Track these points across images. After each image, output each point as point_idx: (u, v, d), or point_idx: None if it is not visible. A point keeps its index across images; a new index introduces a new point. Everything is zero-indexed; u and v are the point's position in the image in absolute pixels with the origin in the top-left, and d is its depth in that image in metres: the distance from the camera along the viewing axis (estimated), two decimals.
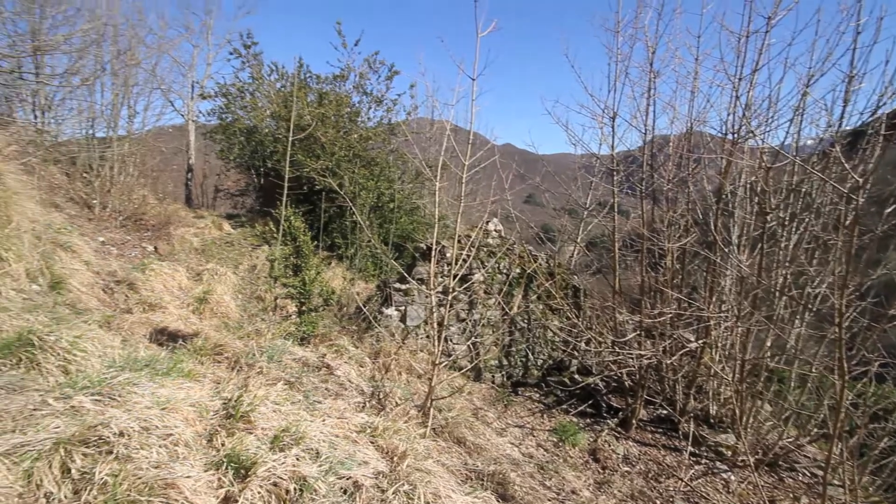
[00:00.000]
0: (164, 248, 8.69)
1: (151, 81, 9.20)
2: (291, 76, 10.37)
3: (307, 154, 9.03)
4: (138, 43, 8.47)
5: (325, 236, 9.24)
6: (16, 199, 4.88)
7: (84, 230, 7.60)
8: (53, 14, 6.83)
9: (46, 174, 7.87)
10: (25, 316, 3.98)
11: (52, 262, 5.35)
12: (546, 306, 6.51)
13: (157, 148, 11.06)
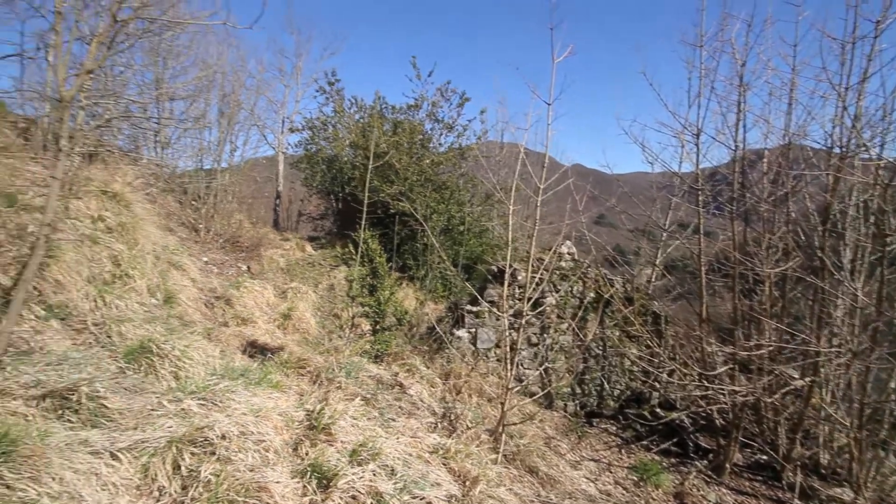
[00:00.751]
0: (255, 267, 9.53)
1: (250, 119, 10.35)
2: (369, 108, 11.09)
3: (382, 180, 9.52)
4: (240, 86, 9.62)
5: (398, 258, 9.59)
6: (141, 225, 5.66)
7: (192, 251, 8.58)
8: (173, 66, 8.01)
9: (164, 202, 9.03)
10: (146, 326, 4.56)
11: (166, 279, 6.09)
12: (623, 333, 6.18)
13: (251, 177, 12.31)
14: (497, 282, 5.78)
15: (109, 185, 5.47)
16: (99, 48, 2.54)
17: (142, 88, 7.29)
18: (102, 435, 2.82)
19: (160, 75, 7.70)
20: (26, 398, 2.98)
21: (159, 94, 7.31)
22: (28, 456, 2.34)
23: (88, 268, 4.52)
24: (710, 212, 5.50)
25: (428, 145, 10.51)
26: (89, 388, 3.08)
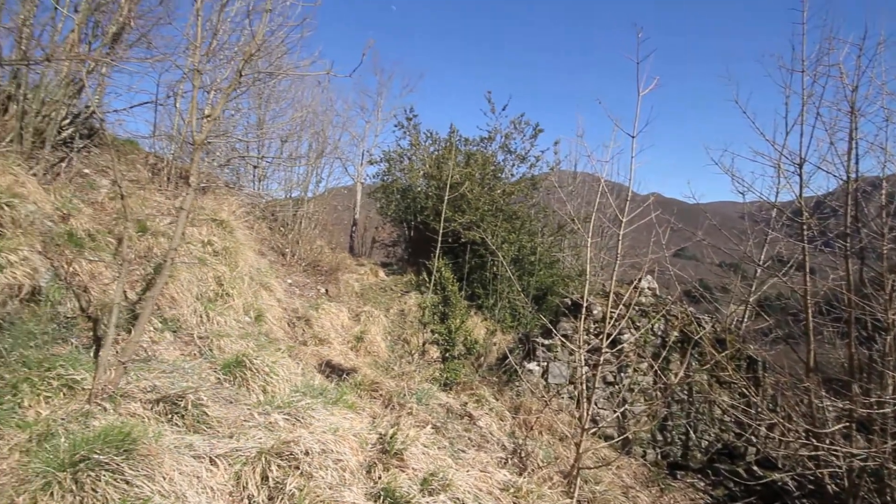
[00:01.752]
0: (332, 290, 10.10)
1: (334, 153, 11.21)
2: (444, 140, 11.55)
3: (454, 209, 9.77)
4: (328, 124, 10.52)
5: (467, 286, 9.66)
6: (241, 249, 6.28)
7: (278, 273, 9.30)
8: (274, 108, 8.99)
9: (259, 228, 9.95)
10: (240, 341, 5.00)
11: (257, 298, 6.65)
12: (712, 377, 5.65)
13: (332, 205, 13.21)
14: (571, 315, 5.60)
15: (217, 214, 6.18)
16: (222, 98, 2.98)
17: (247, 129, 8.26)
18: (203, 441, 3.10)
19: (262, 117, 8.68)
20: (144, 401, 3.37)
21: (261, 134, 8.21)
22: (145, 455, 2.63)
23: (197, 286, 5.08)
24: (816, 247, 4.95)
25: (500, 176, 10.65)
26: (194, 396, 3.42)
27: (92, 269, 4.15)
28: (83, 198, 4.92)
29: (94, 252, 4.24)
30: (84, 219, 4.48)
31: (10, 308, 3.52)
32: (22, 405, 3.02)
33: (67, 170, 5.00)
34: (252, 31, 2.91)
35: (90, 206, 4.93)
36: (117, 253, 4.44)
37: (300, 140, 9.60)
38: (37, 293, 3.71)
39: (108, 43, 4.70)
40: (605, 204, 10.32)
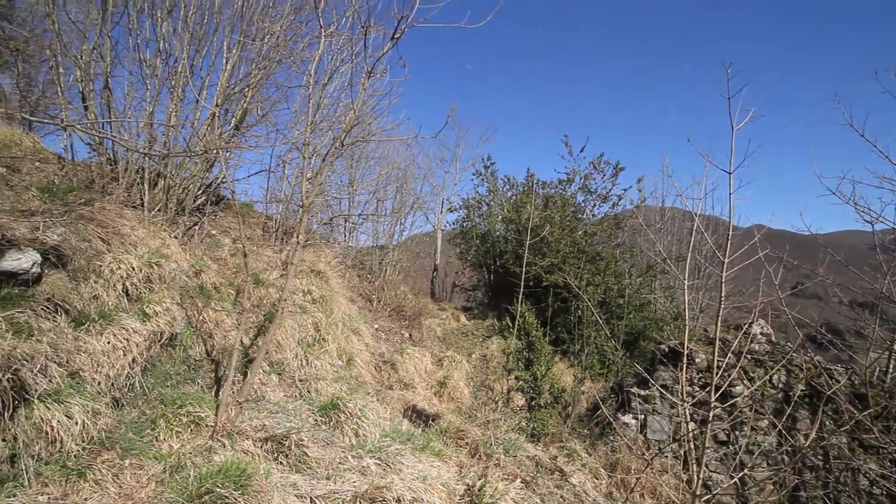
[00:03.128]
0: (416, 335, 10.36)
1: (416, 203, 11.87)
2: (521, 185, 11.71)
3: (534, 253, 9.70)
4: (411, 177, 11.26)
5: (551, 330, 9.35)
6: (335, 297, 6.79)
7: (366, 319, 9.80)
8: (363, 166, 9.89)
9: (349, 276, 10.69)
10: (334, 385, 5.30)
11: (348, 343, 7.05)
12: (854, 440, 4.77)
13: (414, 252, 13.81)
14: (670, 364, 5.15)
15: (315, 265, 6.79)
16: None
17: (340, 187, 9.14)
18: (305, 480, 3.29)
19: (353, 175, 9.57)
20: (255, 439, 3.69)
21: (352, 191, 9.03)
22: (258, 491, 2.85)
23: (299, 332, 5.55)
24: None
25: (580, 217, 10.45)
26: (297, 437, 3.67)
27: (216, 318, 4.75)
28: (211, 255, 5.72)
29: (219, 302, 4.87)
30: (211, 273, 5.20)
31: (153, 352, 4.13)
32: (158, 439, 3.47)
33: (200, 232, 5.89)
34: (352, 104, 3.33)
35: (216, 262, 5.71)
36: (236, 303, 5.05)
37: (386, 193, 10.35)
38: (173, 339, 4.32)
39: (235, 125, 5.62)
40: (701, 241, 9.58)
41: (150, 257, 4.28)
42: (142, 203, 5.30)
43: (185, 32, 4.87)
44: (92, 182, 4.97)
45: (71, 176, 4.75)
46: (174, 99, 5.15)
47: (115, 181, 5.26)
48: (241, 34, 5.01)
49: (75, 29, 4.86)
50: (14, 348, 2.75)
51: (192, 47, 4.97)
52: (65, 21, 4.86)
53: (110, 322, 3.68)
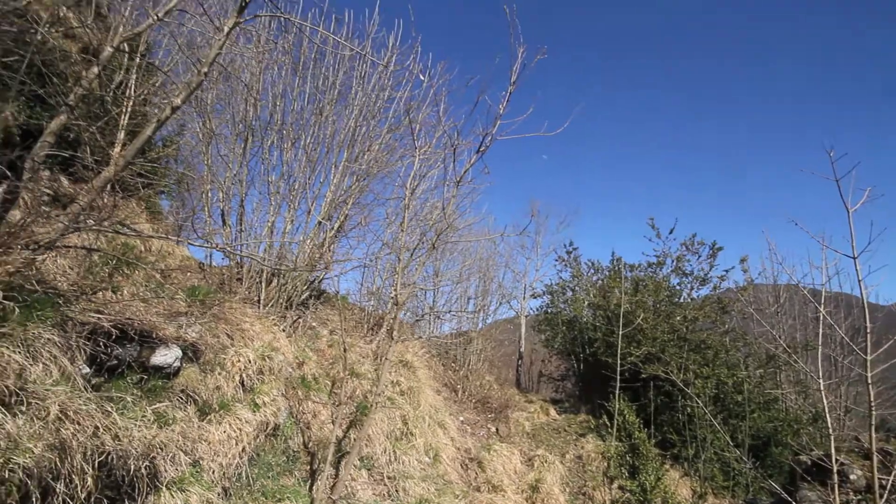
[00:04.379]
0: (503, 429, 9.79)
1: (498, 290, 11.95)
2: (607, 269, 11.35)
3: (627, 340, 9.04)
4: (493, 265, 11.52)
5: (655, 430, 8.31)
6: (422, 388, 6.81)
7: (451, 410, 9.57)
8: (447, 257, 10.38)
9: (434, 366, 10.72)
10: (422, 484, 5.13)
11: (435, 436, 6.87)
12: None
13: (498, 340, 13.57)
14: (815, 481, 4.25)
15: (403, 356, 6.98)
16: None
17: (425, 279, 9.62)
18: None
19: (438, 268, 10.05)
20: None
21: (438, 283, 9.43)
22: None
23: (388, 424, 5.58)
24: None
25: (676, 300, 9.70)
26: None
27: (314, 409, 4.99)
28: (311, 346, 6.18)
29: (317, 393, 5.15)
30: (312, 364, 5.58)
31: (259, 441, 4.40)
32: None
33: (303, 324, 6.45)
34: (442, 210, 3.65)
35: (315, 352, 6.14)
36: (332, 393, 5.30)
37: (469, 282, 10.62)
38: (276, 429, 4.59)
39: (337, 229, 6.38)
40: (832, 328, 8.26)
41: (264, 350, 4.76)
42: (259, 300, 6.02)
43: (304, 157, 5.86)
44: (223, 283, 5.80)
45: (208, 279, 5.61)
46: (290, 211, 6.03)
47: (239, 281, 6.10)
48: (346, 154, 5.89)
49: (222, 161, 6.07)
50: (154, 436, 3.13)
51: (308, 168, 5.93)
52: (214, 155, 6.11)
53: (228, 412, 4.05)
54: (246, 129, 5.71)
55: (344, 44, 5.16)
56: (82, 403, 2.67)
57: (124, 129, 3.91)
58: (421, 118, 5.84)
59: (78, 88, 2.87)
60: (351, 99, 6.07)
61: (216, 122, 5.60)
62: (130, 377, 3.45)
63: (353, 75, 6.07)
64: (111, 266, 3.53)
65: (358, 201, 6.63)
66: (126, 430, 2.90)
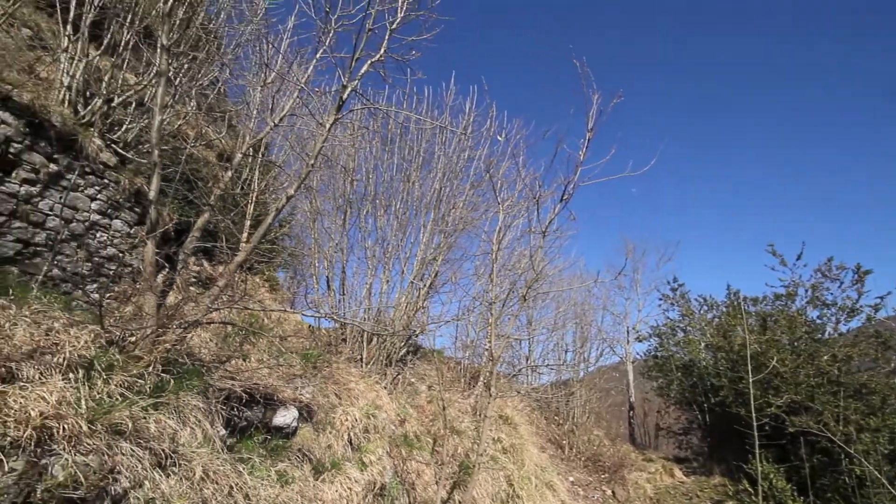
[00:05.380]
0: (620, 493, 8.80)
1: (598, 335, 11.23)
2: (723, 304, 10.16)
3: (762, 387, 7.81)
4: (589, 309, 10.95)
5: (815, 498, 6.85)
6: (525, 445, 6.49)
7: (559, 469, 8.90)
8: (539, 305, 10.13)
9: (535, 419, 10.19)
10: None
11: (543, 500, 6.41)
12: None
13: (604, 389, 12.55)
14: None
15: (503, 410, 6.78)
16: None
17: (518, 328, 9.43)
18: None
19: (531, 316, 9.83)
20: None
21: (532, 332, 9.19)
22: None
23: (492, 485, 5.36)
24: None
25: (819, 337, 8.27)
26: None
27: (417, 468, 5.00)
28: (411, 402, 6.29)
29: (419, 452, 5.17)
30: (413, 422, 5.66)
31: (367, 502, 4.49)
32: None
33: (402, 381, 6.63)
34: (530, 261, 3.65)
35: (415, 409, 6.23)
36: (433, 451, 5.28)
37: (565, 328, 10.16)
38: (383, 489, 4.65)
39: (429, 286, 6.64)
40: None
41: (368, 409, 4.96)
42: (361, 358, 6.37)
43: (395, 221, 6.33)
44: (330, 344, 6.26)
45: (317, 341, 6.11)
46: (386, 272, 6.44)
47: (344, 342, 6.53)
48: (433, 215, 6.24)
49: (325, 233, 6.76)
50: (277, 495, 3.36)
51: (399, 232, 6.37)
52: (319, 229, 6.84)
53: (339, 471, 4.22)
54: (345, 202, 6.36)
55: (425, 120, 5.63)
56: (220, 464, 3.00)
57: (250, 217, 4.61)
58: (501, 173, 6.03)
59: (217, 190, 3.45)
60: (434, 163, 6.52)
61: (320, 200, 6.33)
62: (256, 437, 3.81)
63: (434, 142, 6.55)
64: (242, 336, 4.03)
65: (447, 258, 6.88)
66: (254, 490, 3.16)
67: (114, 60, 4.31)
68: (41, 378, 2.33)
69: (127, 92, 4.08)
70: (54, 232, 4.25)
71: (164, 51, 2.87)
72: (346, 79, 3.12)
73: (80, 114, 4.21)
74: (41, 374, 2.35)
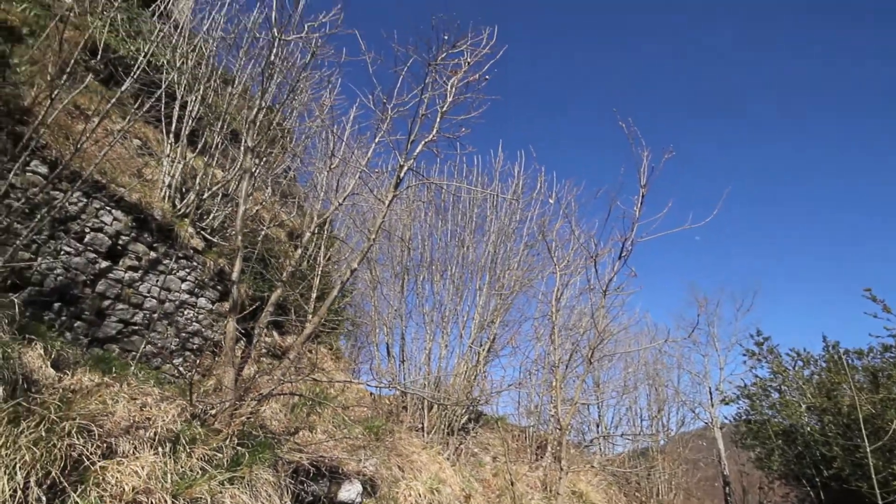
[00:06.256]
0: None
1: (676, 397, 10.25)
2: (821, 358, 9.03)
3: (885, 456, 6.64)
4: (662, 368, 10.12)
5: None
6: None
7: None
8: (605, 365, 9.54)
9: (612, 494, 9.21)
10: None
11: None
12: None
13: (687, 458, 11.18)
14: None
15: (576, 486, 6.22)
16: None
17: (585, 392, 8.87)
18: None
19: (598, 378, 9.25)
20: None
21: (600, 395, 8.61)
22: None
23: None
24: None
25: None
26: None
27: None
28: (475, 475, 5.97)
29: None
30: (478, 497, 5.34)
31: None
32: None
33: (465, 451, 6.36)
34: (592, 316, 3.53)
35: (480, 482, 5.89)
36: None
37: (637, 390, 9.41)
38: None
39: (488, 349, 6.54)
40: None
41: (432, 483, 4.77)
42: (422, 426, 6.23)
43: (451, 286, 6.43)
44: (391, 413, 6.22)
45: (378, 409, 6.09)
46: (444, 337, 6.45)
47: (405, 409, 6.47)
48: (488, 277, 6.29)
49: (384, 300, 6.97)
50: None
51: (455, 296, 6.45)
52: (379, 296, 7.07)
53: None
54: (402, 269, 6.60)
55: (476, 189, 5.89)
56: None
57: (316, 289, 4.91)
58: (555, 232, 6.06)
59: (289, 266, 3.74)
60: (487, 227, 6.68)
61: (378, 269, 6.63)
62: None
63: (486, 206, 6.76)
64: (309, 407, 4.14)
65: (504, 320, 6.80)
66: None
67: (206, 160, 4.99)
68: (135, 452, 2.52)
69: (215, 185, 4.66)
70: (150, 311, 4.75)
71: (249, 151, 3.30)
72: (402, 159, 3.40)
73: (176, 207, 4.84)
74: (135, 448, 2.54)
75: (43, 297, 3.98)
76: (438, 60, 3.30)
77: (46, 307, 3.99)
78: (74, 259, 4.23)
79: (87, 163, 4.22)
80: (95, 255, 4.41)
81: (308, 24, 3.75)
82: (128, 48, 5.03)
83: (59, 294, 4.11)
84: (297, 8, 3.51)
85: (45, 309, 3.98)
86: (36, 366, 2.65)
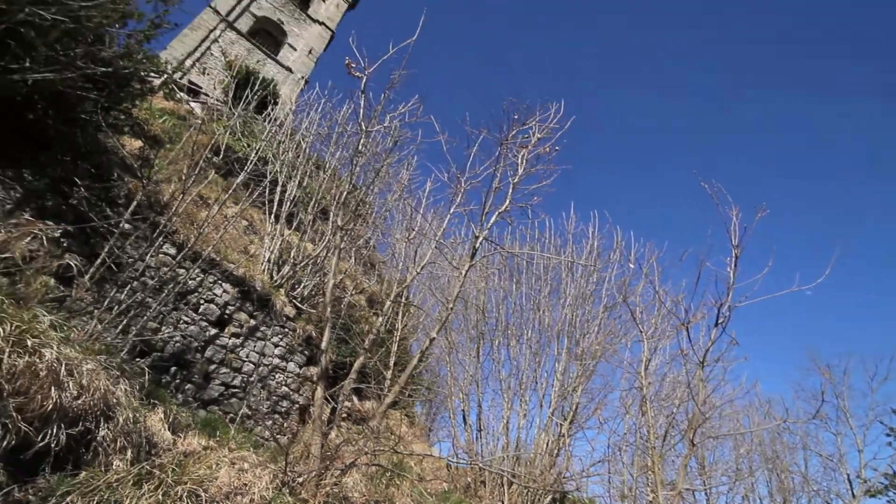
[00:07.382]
0: None
1: (805, 487, 8.59)
2: None
3: None
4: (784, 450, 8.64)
5: None
6: None
7: None
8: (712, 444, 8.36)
9: None
10: None
11: None
12: None
13: None
14: None
15: None
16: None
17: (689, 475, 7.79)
18: None
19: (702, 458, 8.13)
20: None
21: (707, 479, 7.51)
22: None
23: None
24: None
25: None
26: None
27: None
28: None
29: None
30: None
31: None
32: None
33: None
34: (689, 391, 3.20)
35: None
36: None
37: (753, 476, 8.05)
38: None
39: (570, 419, 6.10)
40: None
41: None
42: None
43: (528, 351, 6.24)
44: (468, 487, 5.92)
45: (455, 481, 5.83)
46: (522, 405, 6.17)
47: (483, 484, 6.12)
48: (567, 341, 6.02)
49: (460, 365, 6.91)
50: None
51: (533, 361, 6.22)
52: (454, 361, 7.03)
53: None
54: (477, 334, 6.56)
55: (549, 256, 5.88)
56: None
57: (394, 354, 5.05)
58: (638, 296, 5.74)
59: (370, 334, 3.91)
60: (563, 289, 6.51)
61: (454, 334, 6.65)
62: None
63: (560, 268, 6.63)
64: (388, 478, 4.10)
65: (586, 388, 6.36)
66: None
67: (299, 236, 5.56)
68: None
69: (307, 258, 5.14)
70: (247, 375, 5.16)
71: (338, 229, 3.64)
72: (477, 230, 3.53)
73: (273, 278, 5.37)
74: None
75: (163, 362, 4.52)
76: (510, 138, 3.50)
77: (164, 371, 4.51)
78: (191, 327, 4.80)
79: (205, 243, 4.91)
80: (207, 324, 4.97)
81: (389, 114, 4.21)
82: (242, 146, 5.95)
83: (175, 359, 4.64)
84: (381, 102, 3.98)
85: (163, 373, 4.49)
86: (157, 429, 2.97)
